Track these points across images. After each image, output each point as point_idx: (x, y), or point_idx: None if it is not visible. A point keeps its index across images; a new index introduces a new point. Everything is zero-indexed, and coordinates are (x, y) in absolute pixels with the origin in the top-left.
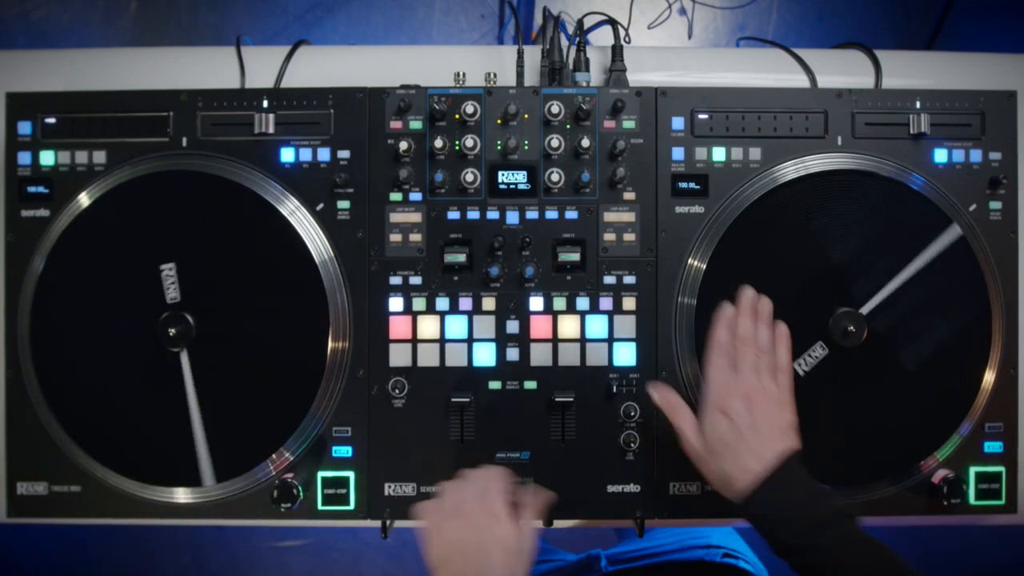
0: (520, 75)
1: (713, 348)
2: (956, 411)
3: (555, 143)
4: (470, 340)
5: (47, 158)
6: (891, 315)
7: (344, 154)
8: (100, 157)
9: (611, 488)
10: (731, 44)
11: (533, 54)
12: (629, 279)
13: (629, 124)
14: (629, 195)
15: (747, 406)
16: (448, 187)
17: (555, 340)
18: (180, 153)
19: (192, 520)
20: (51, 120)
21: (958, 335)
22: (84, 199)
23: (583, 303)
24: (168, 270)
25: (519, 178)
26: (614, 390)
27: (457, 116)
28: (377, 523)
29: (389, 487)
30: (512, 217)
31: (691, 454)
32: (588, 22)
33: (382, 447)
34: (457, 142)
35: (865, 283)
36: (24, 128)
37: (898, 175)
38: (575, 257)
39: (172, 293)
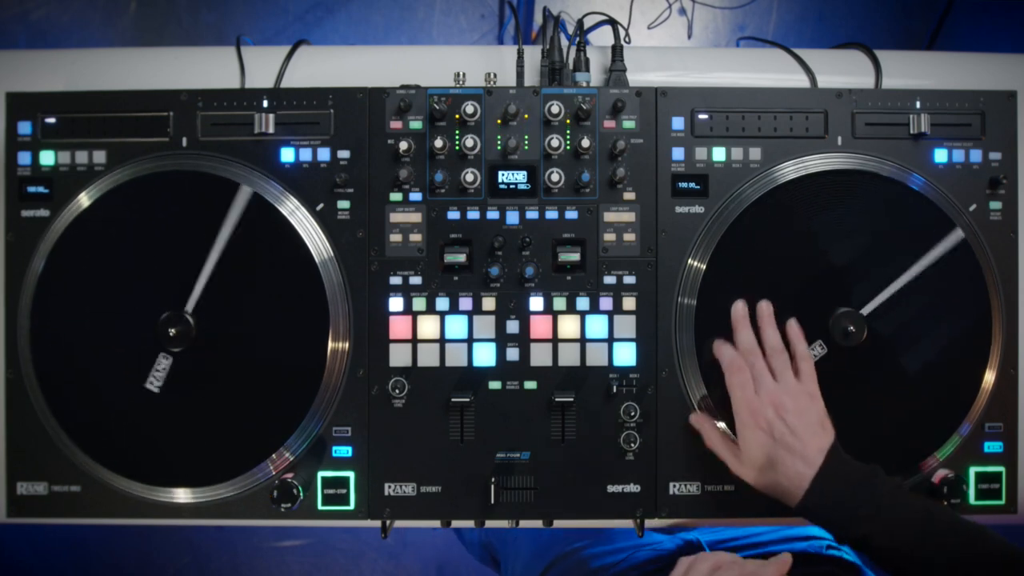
0: (520, 75)
1: (728, 370)
2: (956, 411)
3: (555, 143)
4: (470, 340)
5: (47, 158)
6: (891, 315)
7: (344, 154)
8: (100, 157)
9: (611, 488)
10: (731, 44)
11: (533, 54)
12: (629, 279)
13: (629, 124)
14: (629, 195)
15: (778, 414)
16: (448, 187)
17: (555, 340)
18: (180, 153)
19: (192, 520)
20: (51, 120)
21: (958, 335)
22: (84, 199)
23: (583, 303)
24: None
25: (519, 178)
26: (614, 390)
27: (457, 116)
28: (377, 523)
29: (389, 487)
30: (512, 217)
31: (741, 476)
32: (588, 22)
33: (382, 447)
34: (457, 142)
35: (865, 283)
36: (24, 128)
37: (898, 175)
38: (575, 257)
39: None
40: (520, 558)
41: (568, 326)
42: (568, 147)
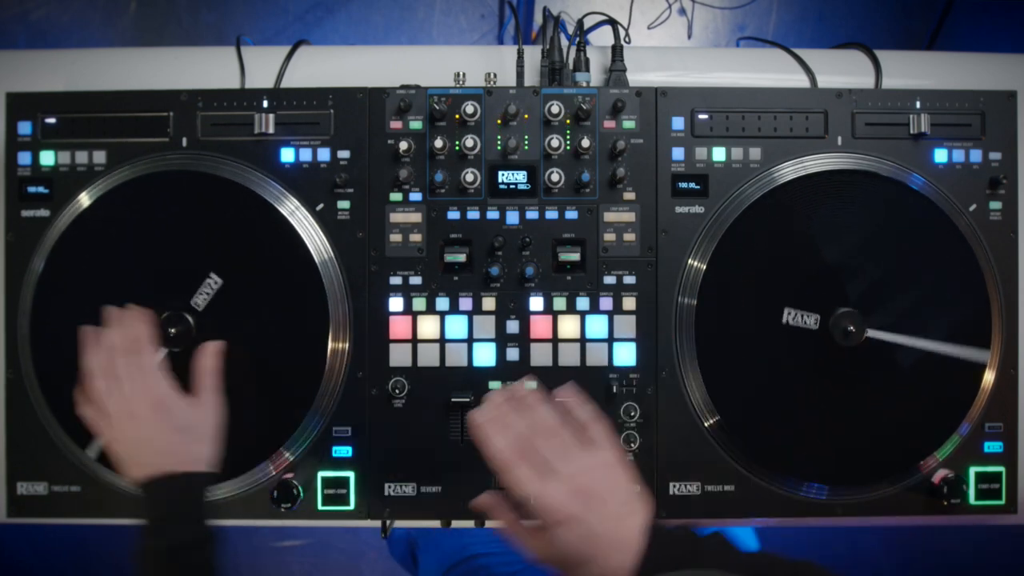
0: (520, 75)
1: (501, 470)
2: (956, 411)
3: (555, 143)
4: (470, 340)
5: (47, 158)
6: (891, 315)
7: (344, 154)
8: (100, 157)
9: None
10: (731, 44)
11: (533, 54)
12: (629, 279)
13: (629, 124)
14: (629, 195)
15: (581, 501)
16: (448, 187)
17: (555, 340)
18: (180, 153)
19: None
20: (51, 120)
21: (958, 335)
22: (84, 199)
23: (583, 303)
24: (213, 282)
25: (519, 178)
26: (614, 390)
27: (457, 116)
28: (377, 523)
29: (389, 487)
30: (512, 217)
31: (553, 566)
32: (588, 22)
33: (382, 447)
34: (457, 142)
35: (865, 283)
36: (24, 128)
37: (898, 175)
38: (575, 257)
39: (200, 300)
40: (432, 558)
41: (568, 326)
42: (568, 147)
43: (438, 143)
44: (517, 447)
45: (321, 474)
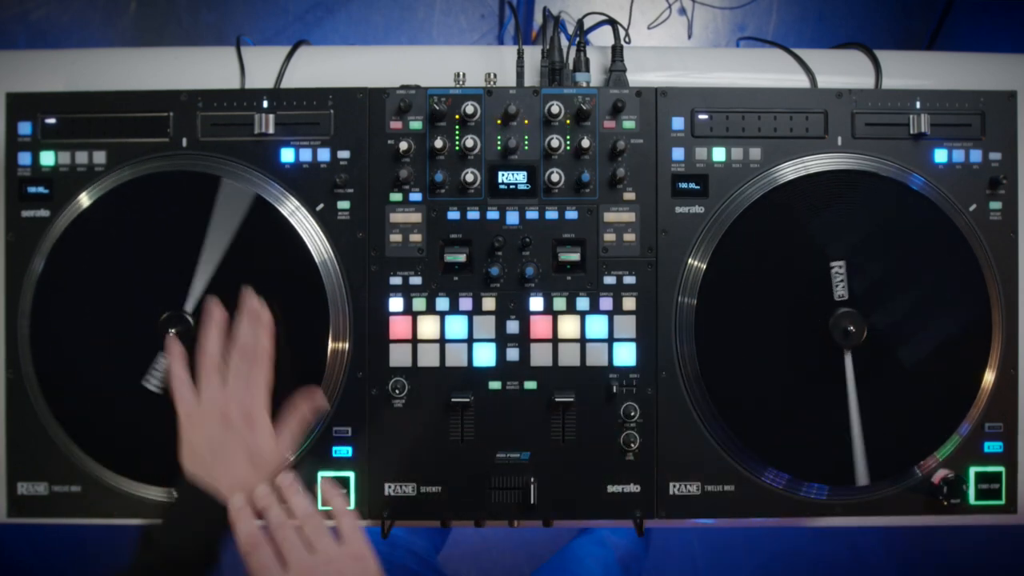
0: (520, 75)
1: (243, 552)
2: (956, 411)
3: (555, 143)
4: (470, 340)
5: (47, 158)
6: (891, 314)
7: (344, 154)
8: (100, 157)
9: (611, 488)
10: (731, 44)
11: (533, 54)
12: (629, 279)
13: (629, 124)
14: (629, 195)
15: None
16: (448, 187)
17: (555, 340)
18: (180, 153)
19: None
20: (51, 120)
21: (958, 335)
22: (84, 199)
23: (583, 303)
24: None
25: (519, 178)
26: (614, 390)
27: (457, 116)
28: (377, 523)
29: (389, 487)
30: (512, 217)
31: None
32: (588, 22)
33: (382, 447)
34: (457, 142)
35: (865, 283)
36: (24, 128)
37: (898, 175)
38: (575, 257)
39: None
40: None
41: (568, 326)
42: (568, 147)
43: (438, 143)
44: (263, 534)
45: (321, 474)
